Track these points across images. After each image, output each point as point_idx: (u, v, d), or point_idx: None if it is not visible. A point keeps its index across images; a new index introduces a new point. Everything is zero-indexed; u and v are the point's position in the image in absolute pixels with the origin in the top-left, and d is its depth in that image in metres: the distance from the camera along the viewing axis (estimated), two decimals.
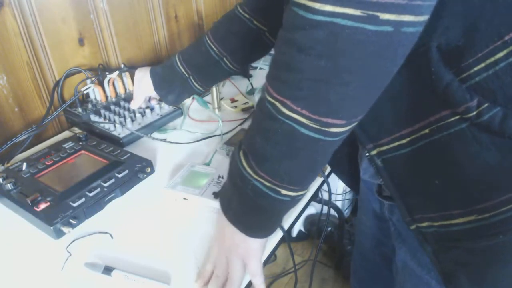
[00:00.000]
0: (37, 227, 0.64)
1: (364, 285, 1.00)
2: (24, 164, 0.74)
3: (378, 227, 0.81)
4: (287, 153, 0.40)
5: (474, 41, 0.38)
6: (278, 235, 0.61)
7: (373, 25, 0.31)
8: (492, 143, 0.41)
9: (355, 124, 0.40)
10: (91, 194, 0.66)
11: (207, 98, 1.04)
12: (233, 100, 1.03)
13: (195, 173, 0.71)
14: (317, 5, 0.31)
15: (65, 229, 0.61)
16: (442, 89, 0.40)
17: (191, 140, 0.86)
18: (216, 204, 0.64)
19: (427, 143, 0.45)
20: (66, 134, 0.94)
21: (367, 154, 0.50)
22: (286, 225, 0.63)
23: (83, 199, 0.65)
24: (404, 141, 0.46)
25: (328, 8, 0.31)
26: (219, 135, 0.87)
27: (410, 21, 0.31)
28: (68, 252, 0.59)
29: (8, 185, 0.69)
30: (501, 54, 0.37)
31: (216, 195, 0.65)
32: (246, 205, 0.44)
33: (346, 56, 0.33)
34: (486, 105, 0.39)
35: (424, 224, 0.49)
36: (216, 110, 0.98)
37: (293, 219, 0.65)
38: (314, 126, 0.37)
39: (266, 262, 0.59)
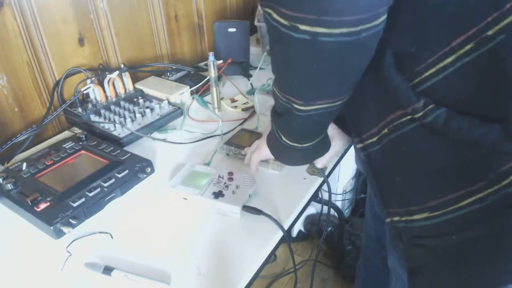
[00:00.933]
0: (37, 227, 0.64)
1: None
2: (24, 164, 0.74)
3: (379, 229, 0.82)
4: (278, 115, 0.55)
5: (425, 48, 0.41)
6: (278, 235, 0.61)
7: (296, 33, 0.39)
8: (440, 143, 0.43)
9: (316, 105, 0.48)
10: (91, 194, 0.66)
11: (207, 98, 1.04)
12: (233, 100, 1.03)
13: (195, 173, 0.71)
14: (274, 16, 0.40)
15: (65, 229, 0.61)
16: (392, 91, 0.44)
17: (191, 140, 0.86)
18: (215, 204, 0.64)
19: (388, 141, 0.48)
20: (66, 134, 0.94)
21: (357, 146, 0.54)
22: (286, 225, 0.63)
23: (83, 199, 0.65)
24: (374, 139, 0.50)
25: (276, 17, 0.40)
26: (219, 135, 0.87)
27: (324, 33, 0.37)
28: (68, 252, 0.59)
29: (8, 185, 0.69)
30: (449, 60, 0.39)
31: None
32: (271, 137, 0.63)
33: (286, 53, 0.43)
34: (431, 106, 0.41)
35: (396, 219, 0.52)
36: (216, 110, 0.98)
37: (293, 219, 0.65)
38: (284, 100, 0.50)
39: (266, 262, 0.59)
